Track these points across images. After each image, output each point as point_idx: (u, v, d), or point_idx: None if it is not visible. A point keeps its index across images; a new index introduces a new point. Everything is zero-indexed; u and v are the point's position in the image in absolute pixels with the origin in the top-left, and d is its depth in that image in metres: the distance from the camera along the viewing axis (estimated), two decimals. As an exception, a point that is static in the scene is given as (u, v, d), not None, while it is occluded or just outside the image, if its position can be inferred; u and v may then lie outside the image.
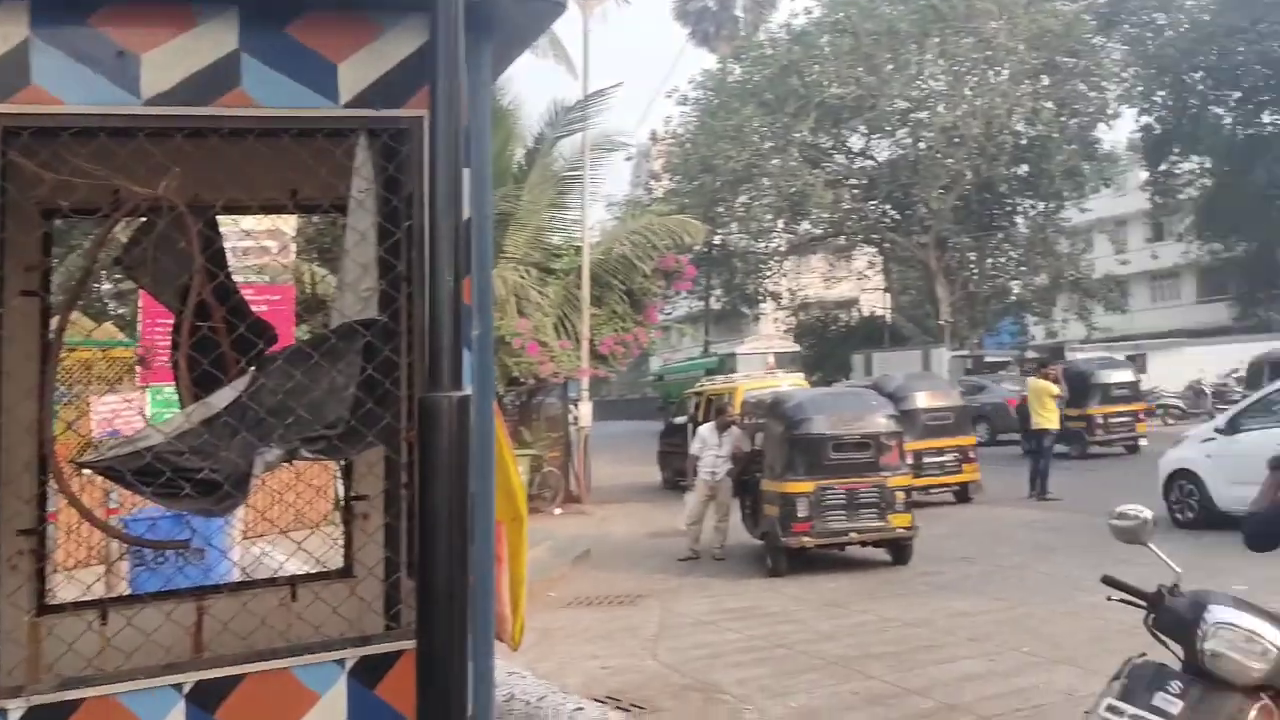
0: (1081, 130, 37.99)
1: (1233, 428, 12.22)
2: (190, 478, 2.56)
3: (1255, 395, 13.17)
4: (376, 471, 3.46)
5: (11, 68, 2.48)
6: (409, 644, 2.50)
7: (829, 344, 43.70)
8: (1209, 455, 12.27)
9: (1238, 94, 41.68)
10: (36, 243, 3.35)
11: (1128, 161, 45.70)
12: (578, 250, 18.33)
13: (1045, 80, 35.98)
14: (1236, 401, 26.02)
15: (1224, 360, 29.43)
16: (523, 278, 17.47)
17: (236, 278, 3.96)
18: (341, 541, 3.75)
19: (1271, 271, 42.01)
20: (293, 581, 3.66)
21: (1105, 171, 39.76)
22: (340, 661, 2.64)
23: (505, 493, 3.38)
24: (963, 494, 16.16)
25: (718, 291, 43.90)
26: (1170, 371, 30.77)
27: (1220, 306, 46.07)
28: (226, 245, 3.78)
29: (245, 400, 2.64)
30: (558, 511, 17.68)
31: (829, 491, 11.18)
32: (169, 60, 2.57)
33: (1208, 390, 28.29)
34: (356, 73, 2.70)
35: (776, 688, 7.33)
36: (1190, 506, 12.36)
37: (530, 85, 40.20)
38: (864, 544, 11.55)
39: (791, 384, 18.95)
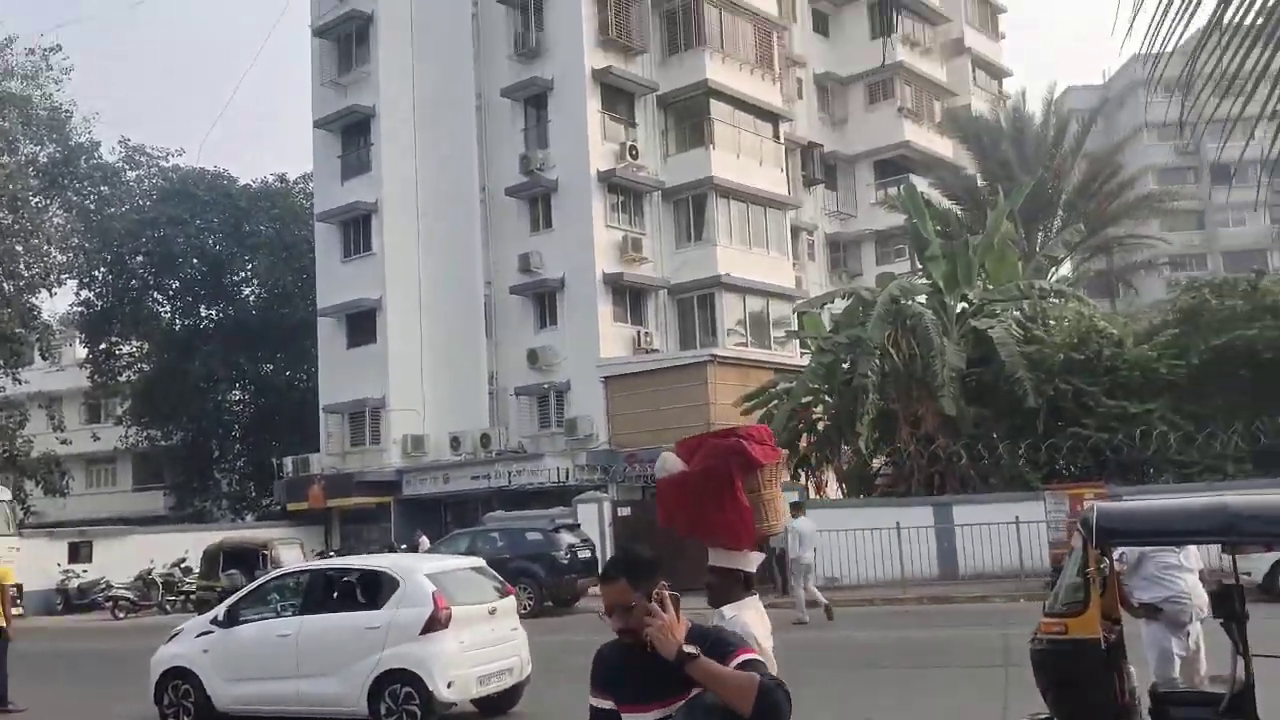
0: (19, 293, 35.28)
1: (231, 619, 11.51)
2: None
3: (253, 584, 12.66)
4: None
5: None
6: None
7: None
8: (206, 650, 11.34)
9: (177, 283, 43.31)
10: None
11: (65, 335, 43.88)
12: None
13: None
14: (188, 591, 26.09)
15: (171, 549, 29.03)
16: None
17: None
18: None
19: (205, 462, 43.42)
20: None
21: (45, 342, 37.40)
22: None
23: None
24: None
25: None
26: (119, 560, 29.17)
27: (158, 494, 45.84)
28: None
29: None
30: None
31: None
32: None
33: (159, 580, 27.46)
34: None
35: None
36: (187, 709, 11.23)
37: None
38: None
39: None
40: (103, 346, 42.50)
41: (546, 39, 32.83)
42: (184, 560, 28.18)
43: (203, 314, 43.73)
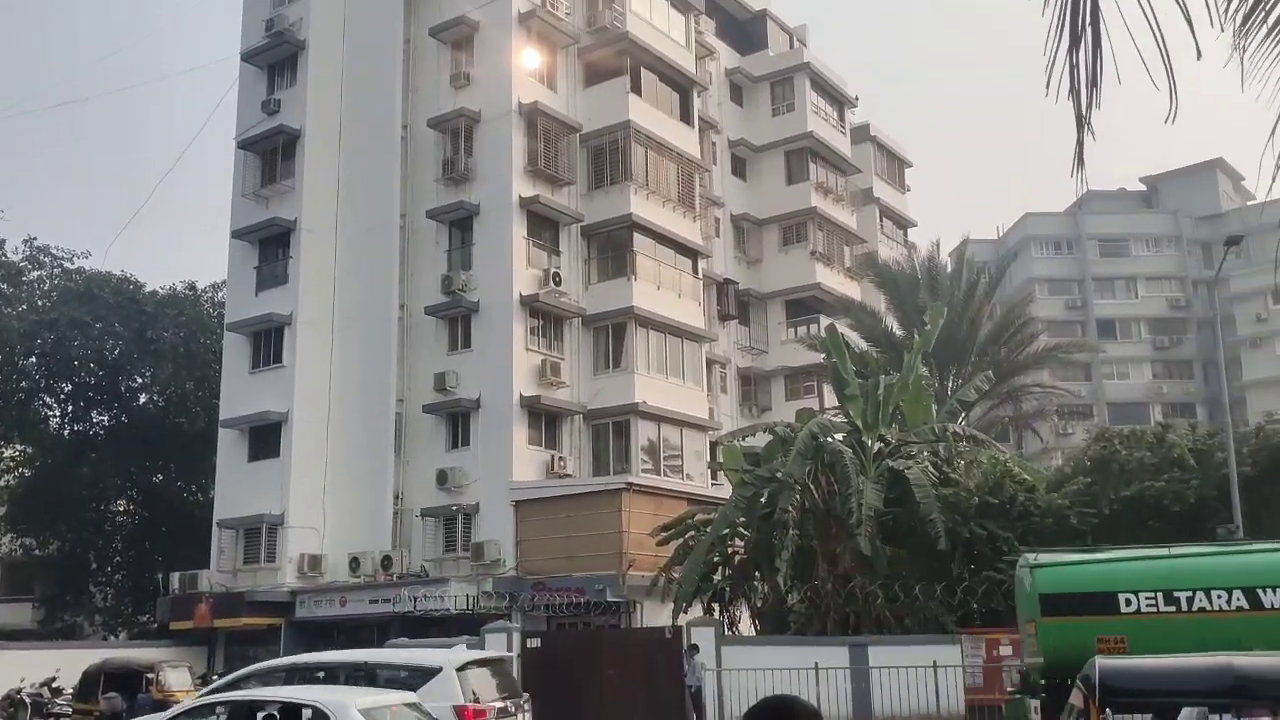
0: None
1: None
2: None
3: (168, 715, 11.91)
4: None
5: None
6: None
7: None
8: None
9: (69, 387, 41.69)
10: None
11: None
12: None
13: None
14: (58, 715, 24.48)
15: (39, 667, 27.24)
16: None
17: None
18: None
19: (81, 574, 41.13)
20: None
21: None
22: None
23: None
24: None
25: None
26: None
27: (26, 606, 43.06)
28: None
29: None
30: None
31: None
32: None
33: (28, 701, 25.66)
34: None
35: None
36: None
37: None
38: None
39: None
40: (-12, 449, 40.46)
41: (475, 165, 33.21)
42: (54, 680, 26.45)
43: (94, 419, 41.99)
